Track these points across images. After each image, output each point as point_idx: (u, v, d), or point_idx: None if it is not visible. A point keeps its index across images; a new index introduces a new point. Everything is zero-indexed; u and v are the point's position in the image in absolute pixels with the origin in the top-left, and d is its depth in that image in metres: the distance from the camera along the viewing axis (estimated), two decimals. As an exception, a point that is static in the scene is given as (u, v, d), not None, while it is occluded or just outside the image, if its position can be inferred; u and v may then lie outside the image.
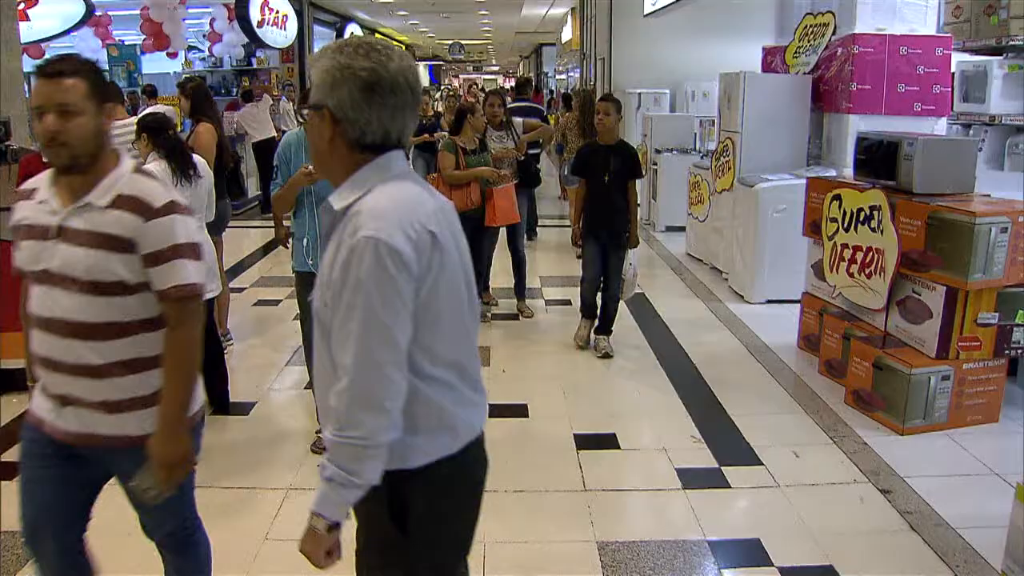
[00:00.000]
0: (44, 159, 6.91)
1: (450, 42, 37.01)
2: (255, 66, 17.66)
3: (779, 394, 5.64)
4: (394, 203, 1.87)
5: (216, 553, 3.33)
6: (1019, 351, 4.94)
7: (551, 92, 30.99)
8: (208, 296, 5.04)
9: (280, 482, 4.38)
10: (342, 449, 1.85)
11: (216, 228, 5.87)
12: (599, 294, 6.51)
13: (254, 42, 16.04)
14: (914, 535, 3.86)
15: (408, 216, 1.86)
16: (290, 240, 5.25)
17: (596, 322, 6.57)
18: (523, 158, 7.96)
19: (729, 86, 8.52)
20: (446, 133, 10.79)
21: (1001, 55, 7.45)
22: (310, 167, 4.09)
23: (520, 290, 7.68)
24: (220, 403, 5.31)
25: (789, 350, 6.45)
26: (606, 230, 6.27)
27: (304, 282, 4.46)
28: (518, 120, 8.00)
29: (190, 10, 14.39)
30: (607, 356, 6.33)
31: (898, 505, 4.12)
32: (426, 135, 11.33)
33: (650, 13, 13.52)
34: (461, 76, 51.56)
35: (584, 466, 4.61)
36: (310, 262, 4.45)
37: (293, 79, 18.34)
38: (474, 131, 7.14)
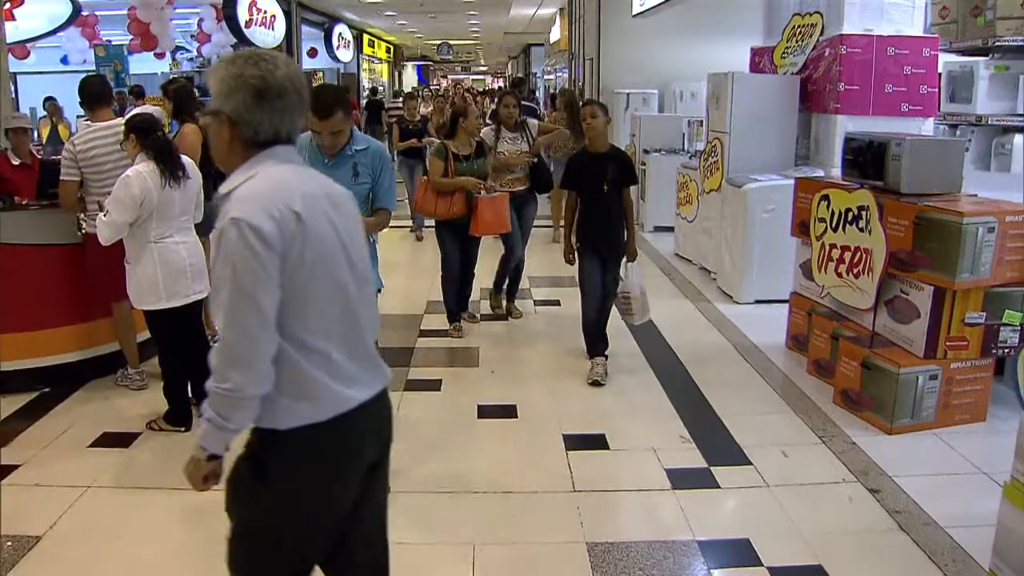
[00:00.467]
0: (12, 161, 6.89)
1: (438, 42, 36.97)
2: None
3: (768, 394, 5.65)
4: (263, 188, 2.14)
5: (204, 557, 3.33)
6: (1006, 350, 4.96)
7: (540, 92, 30.94)
8: (198, 297, 5.05)
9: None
10: (218, 398, 2.12)
11: (204, 229, 5.83)
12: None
13: (242, 42, 15.98)
14: (903, 534, 3.87)
15: (273, 198, 2.11)
16: None
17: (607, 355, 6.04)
18: (536, 162, 7.40)
19: (717, 86, 8.53)
20: (433, 138, 10.57)
21: (987, 56, 7.49)
22: None
23: (512, 292, 7.59)
24: None
25: (778, 350, 6.46)
26: (606, 243, 5.90)
27: None
28: (533, 122, 7.65)
29: (178, 10, 14.34)
30: (598, 384, 5.79)
31: (887, 504, 4.13)
32: (413, 140, 11.05)
33: (638, 13, 13.55)
34: (449, 76, 51.54)
35: (573, 466, 4.60)
36: None
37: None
38: (468, 135, 6.87)
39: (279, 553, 2.36)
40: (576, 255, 5.98)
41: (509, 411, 5.41)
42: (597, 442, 4.93)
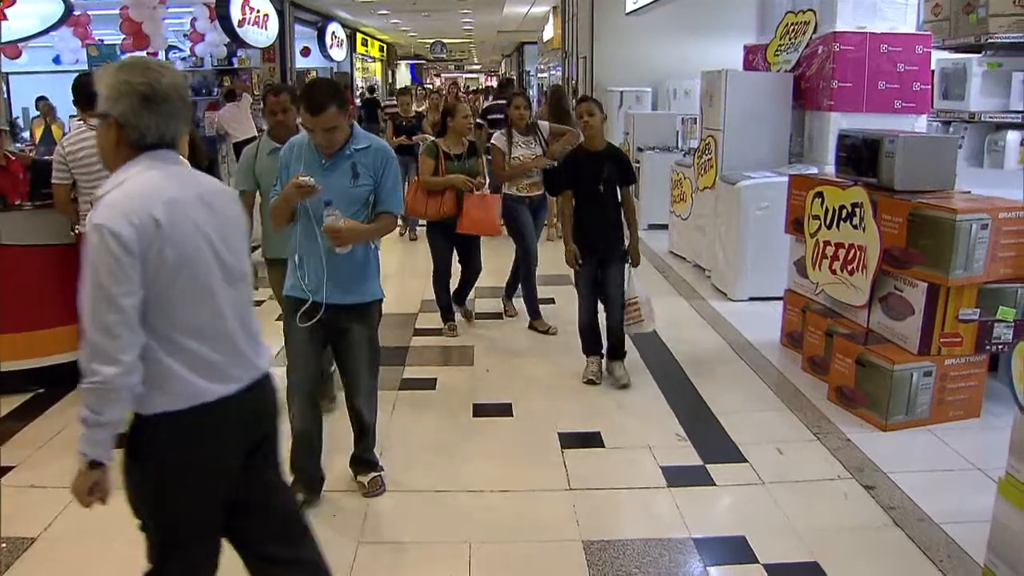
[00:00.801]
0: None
1: (432, 41, 36.94)
2: (236, 66, 17.58)
3: (763, 391, 5.66)
4: (127, 194, 2.26)
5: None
6: (1000, 347, 4.97)
7: (535, 91, 30.90)
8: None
9: (264, 484, 4.35)
10: (89, 394, 2.23)
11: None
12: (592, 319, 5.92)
13: (235, 41, 15.98)
14: (897, 530, 3.88)
15: (135, 205, 2.23)
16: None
17: (603, 353, 5.94)
18: (555, 165, 6.82)
19: (711, 84, 8.54)
20: (428, 136, 10.40)
21: (980, 53, 7.50)
22: (302, 178, 3.70)
23: (510, 291, 7.55)
24: None
25: (772, 347, 6.47)
26: (602, 245, 5.72)
27: (292, 309, 3.98)
28: (543, 124, 7.27)
29: (170, 9, 14.30)
30: (626, 387, 5.69)
31: (882, 501, 4.14)
32: (404, 137, 10.98)
33: (632, 11, 13.54)
34: (443, 75, 51.49)
35: (569, 465, 4.61)
36: (305, 284, 3.94)
37: (274, 79, 18.25)
38: (457, 134, 6.75)
39: (175, 536, 2.51)
40: (565, 254, 5.82)
41: (504, 410, 5.40)
42: (593, 440, 4.94)
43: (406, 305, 7.81)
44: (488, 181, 6.98)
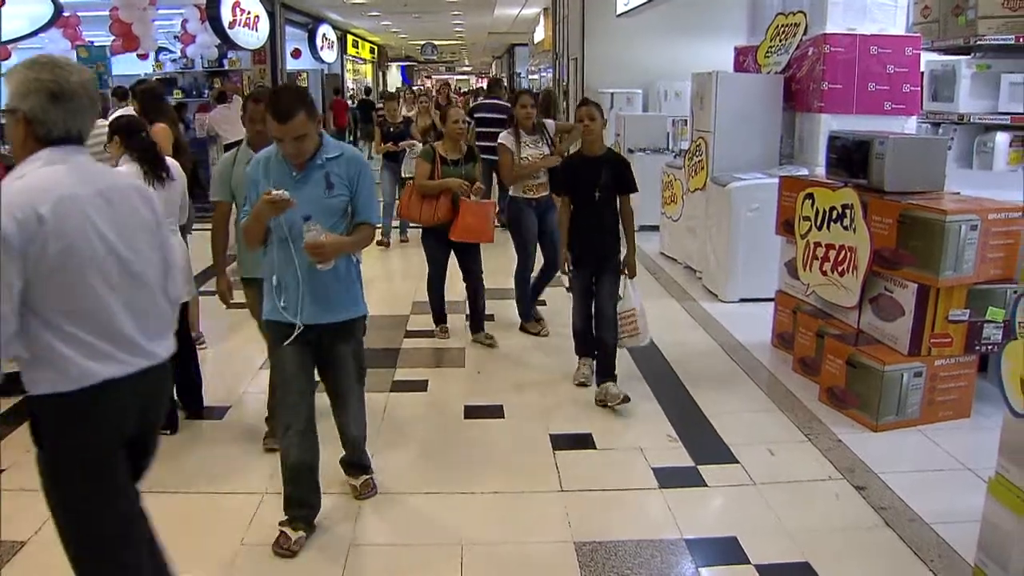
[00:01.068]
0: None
1: (422, 43, 36.93)
2: (227, 67, 17.52)
3: (754, 392, 5.67)
4: (19, 189, 2.36)
5: (192, 559, 3.31)
6: (990, 347, 4.99)
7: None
8: (183, 299, 5.02)
9: (255, 486, 4.35)
10: None
11: (184, 230, 5.81)
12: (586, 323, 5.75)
13: (225, 43, 15.91)
14: (888, 531, 3.90)
15: (22, 200, 2.33)
16: (233, 292, 4.88)
17: (595, 363, 5.70)
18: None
19: (701, 86, 8.55)
20: (415, 142, 10.47)
21: (969, 55, 7.53)
22: (274, 191, 3.49)
23: (532, 299, 7.22)
24: (194, 407, 5.27)
25: (763, 348, 6.48)
26: (596, 255, 5.55)
27: (276, 335, 3.81)
28: (550, 123, 7.02)
29: (161, 11, 14.25)
30: (626, 400, 5.33)
31: (872, 501, 4.15)
32: (392, 144, 10.64)
33: (623, 13, 13.56)
34: (434, 77, 51.47)
35: (561, 466, 4.61)
36: (282, 305, 3.75)
37: (265, 80, 18.21)
38: (450, 140, 6.61)
39: (79, 516, 2.62)
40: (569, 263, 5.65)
41: (496, 411, 5.41)
42: (584, 442, 4.94)
43: (397, 307, 7.81)
44: (484, 188, 6.82)
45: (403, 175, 10.39)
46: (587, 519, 4.07)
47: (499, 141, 6.74)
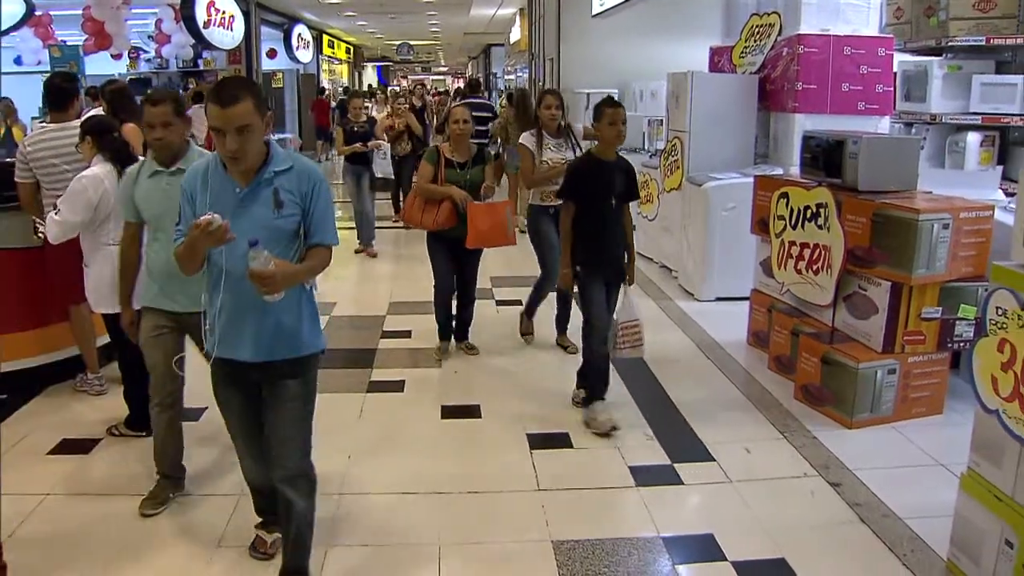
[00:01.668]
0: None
1: (398, 43, 36.83)
2: (202, 67, 17.44)
3: (730, 391, 5.70)
4: None
5: (168, 562, 3.29)
6: (962, 344, 5.04)
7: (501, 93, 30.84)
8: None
9: (231, 488, 4.32)
10: None
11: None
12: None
13: (200, 43, 15.86)
14: (863, 526, 3.93)
15: None
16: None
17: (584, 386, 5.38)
18: None
19: (677, 86, 8.59)
20: (381, 142, 10.30)
21: (940, 56, 7.61)
22: (207, 217, 2.90)
23: (531, 308, 6.82)
24: None
25: (739, 347, 6.52)
26: (614, 266, 5.23)
27: (220, 375, 3.37)
28: (577, 127, 6.61)
29: (135, 11, 14.16)
30: (616, 430, 4.99)
31: (847, 497, 4.19)
32: (358, 145, 10.12)
33: (598, 13, 13.60)
34: (410, 77, 51.37)
35: (538, 466, 4.62)
36: (216, 340, 3.24)
37: (240, 80, 18.12)
38: (454, 140, 6.14)
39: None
40: (578, 280, 5.20)
41: (473, 411, 5.40)
42: (561, 441, 4.95)
43: (373, 308, 7.79)
44: (494, 187, 6.23)
45: (377, 175, 10.35)
46: (564, 518, 4.08)
47: (519, 143, 6.42)
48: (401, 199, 11.84)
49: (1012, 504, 3.23)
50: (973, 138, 7.28)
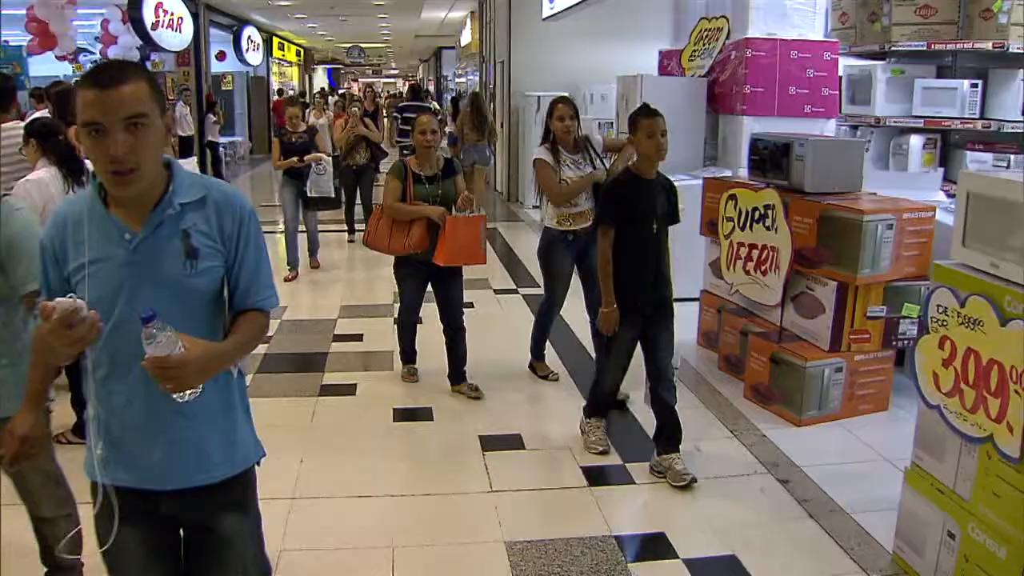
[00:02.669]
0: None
1: (349, 45, 36.64)
2: (150, 70, 17.21)
3: (680, 390, 5.71)
4: None
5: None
6: (906, 342, 5.14)
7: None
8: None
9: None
10: None
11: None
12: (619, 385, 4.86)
13: (148, 45, 15.63)
14: (811, 522, 3.99)
15: None
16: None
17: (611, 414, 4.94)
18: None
19: (627, 89, 8.64)
20: (322, 156, 9.04)
21: (884, 60, 7.74)
22: (73, 303, 1.89)
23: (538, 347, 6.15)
24: None
25: (689, 347, 6.56)
26: (653, 301, 4.51)
27: (105, 507, 2.23)
28: (597, 138, 5.81)
29: (81, 11, 13.92)
30: (694, 482, 4.36)
31: (796, 494, 4.25)
32: (295, 159, 8.87)
33: (548, 17, 13.63)
34: (360, 80, 51.15)
35: (490, 467, 4.63)
36: (104, 458, 2.22)
37: (189, 83, 17.94)
38: (421, 152, 5.51)
39: None
40: (601, 316, 4.56)
41: (425, 414, 5.40)
42: (513, 442, 4.96)
43: (325, 311, 7.74)
44: (471, 197, 5.67)
45: (309, 193, 8.99)
46: (517, 519, 4.09)
47: (536, 156, 5.62)
48: (363, 216, 10.65)
49: (954, 497, 3.31)
50: (916, 141, 7.42)
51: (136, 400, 2.16)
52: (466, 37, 25.66)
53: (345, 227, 11.28)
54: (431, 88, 39.06)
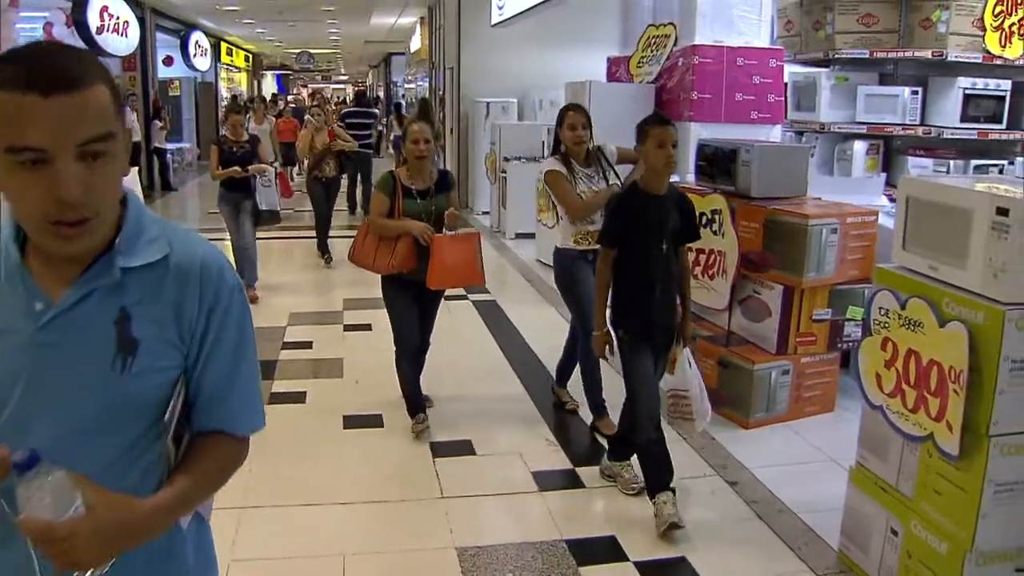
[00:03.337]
0: None
1: (298, 51, 36.43)
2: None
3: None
4: None
5: None
6: (850, 344, 5.22)
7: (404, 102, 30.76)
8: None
9: None
10: None
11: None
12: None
13: (93, 49, 15.40)
14: (760, 522, 4.04)
15: None
16: None
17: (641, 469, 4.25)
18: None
19: (575, 95, 8.65)
20: (266, 167, 8.35)
21: (828, 67, 7.88)
22: None
23: (563, 376, 5.64)
24: None
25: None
26: (664, 325, 4.14)
27: None
28: (612, 148, 5.30)
29: (23, 14, 13.68)
30: (676, 527, 3.90)
31: (745, 495, 4.30)
32: (235, 169, 8.09)
33: (498, 23, 13.66)
34: (310, 85, 50.84)
35: (441, 473, 4.62)
36: None
37: (136, 88, 17.71)
38: (412, 163, 5.00)
39: None
40: (619, 345, 4.19)
41: (375, 420, 5.37)
42: (464, 448, 4.96)
43: (274, 318, 7.68)
44: (460, 215, 5.30)
45: (262, 206, 8.27)
46: (468, 524, 4.10)
47: (547, 169, 5.11)
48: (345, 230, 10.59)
49: (897, 495, 3.37)
50: (859, 146, 7.56)
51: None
52: (416, 43, 25.62)
53: (317, 246, 10.36)
54: (380, 94, 38.98)
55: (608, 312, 4.22)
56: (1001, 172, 7.20)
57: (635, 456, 4.33)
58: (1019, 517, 3.03)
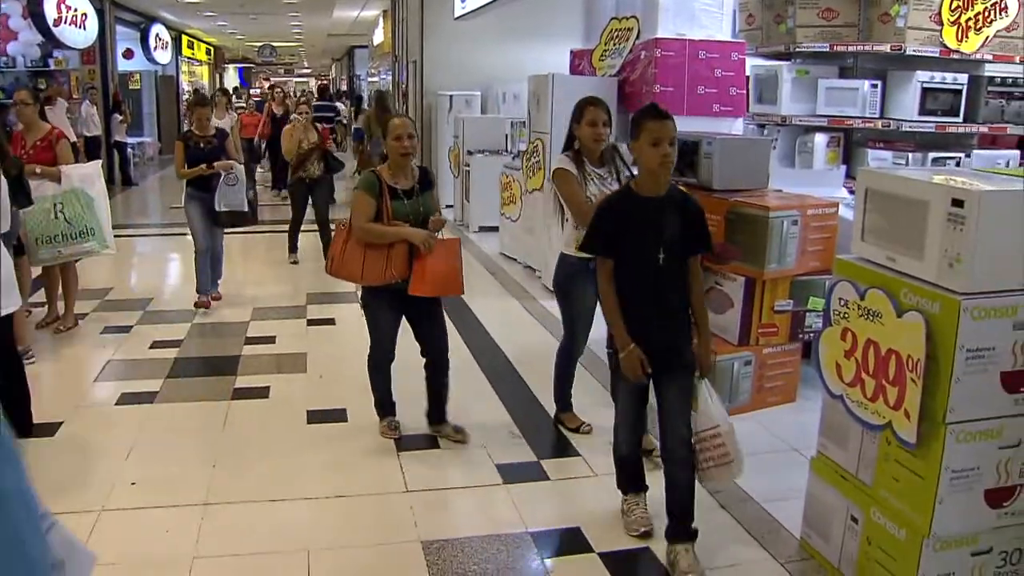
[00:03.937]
0: None
1: (260, 44, 36.13)
2: (52, 67, 16.69)
3: (594, 387, 5.78)
4: None
5: None
6: (812, 334, 5.27)
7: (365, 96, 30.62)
8: (7, 311, 4.75)
9: (92, 504, 4.15)
10: None
11: (8, 238, 5.50)
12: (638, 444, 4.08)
13: (50, 42, 15.22)
14: (723, 512, 4.08)
15: None
16: None
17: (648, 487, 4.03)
18: None
19: (538, 88, 8.68)
20: (233, 163, 7.75)
21: (789, 60, 7.93)
22: None
23: (562, 395, 5.26)
24: (22, 424, 4.98)
25: (602, 345, 6.55)
26: (659, 347, 3.61)
27: None
28: (623, 147, 4.60)
29: (-24, 6, 13.50)
30: (647, 535, 3.85)
31: (709, 485, 4.32)
32: (203, 167, 7.54)
33: (460, 16, 13.64)
34: (272, 79, 50.46)
35: (405, 467, 4.61)
36: None
37: (95, 81, 17.47)
38: (394, 161, 4.67)
39: None
40: (610, 363, 4.07)
41: (339, 415, 5.35)
42: (428, 442, 4.95)
43: (237, 314, 7.62)
44: (444, 220, 4.96)
45: (218, 207, 7.64)
46: (433, 518, 4.10)
47: (557, 166, 4.74)
48: (317, 234, 9.86)
49: (856, 483, 3.41)
50: (820, 139, 7.62)
51: None
52: (379, 36, 25.53)
53: (287, 245, 10.08)
54: (343, 87, 38.77)
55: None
56: (958, 164, 7.29)
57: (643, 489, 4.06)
58: (975, 503, 3.08)
